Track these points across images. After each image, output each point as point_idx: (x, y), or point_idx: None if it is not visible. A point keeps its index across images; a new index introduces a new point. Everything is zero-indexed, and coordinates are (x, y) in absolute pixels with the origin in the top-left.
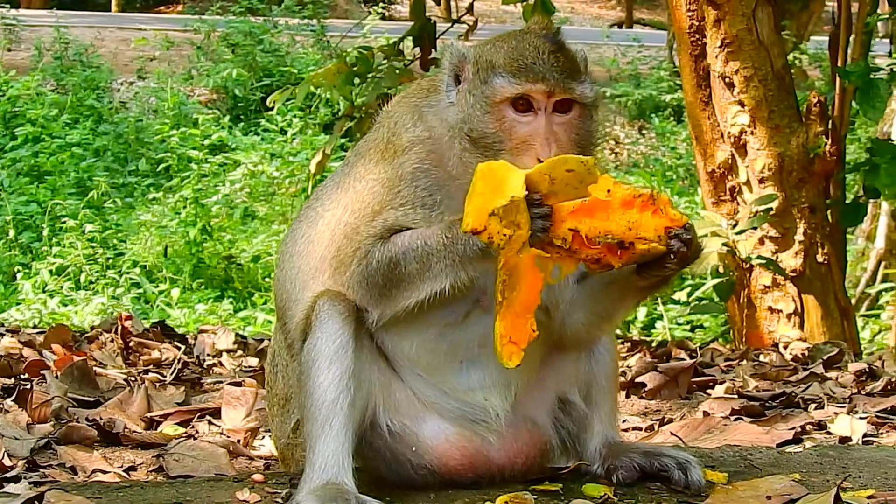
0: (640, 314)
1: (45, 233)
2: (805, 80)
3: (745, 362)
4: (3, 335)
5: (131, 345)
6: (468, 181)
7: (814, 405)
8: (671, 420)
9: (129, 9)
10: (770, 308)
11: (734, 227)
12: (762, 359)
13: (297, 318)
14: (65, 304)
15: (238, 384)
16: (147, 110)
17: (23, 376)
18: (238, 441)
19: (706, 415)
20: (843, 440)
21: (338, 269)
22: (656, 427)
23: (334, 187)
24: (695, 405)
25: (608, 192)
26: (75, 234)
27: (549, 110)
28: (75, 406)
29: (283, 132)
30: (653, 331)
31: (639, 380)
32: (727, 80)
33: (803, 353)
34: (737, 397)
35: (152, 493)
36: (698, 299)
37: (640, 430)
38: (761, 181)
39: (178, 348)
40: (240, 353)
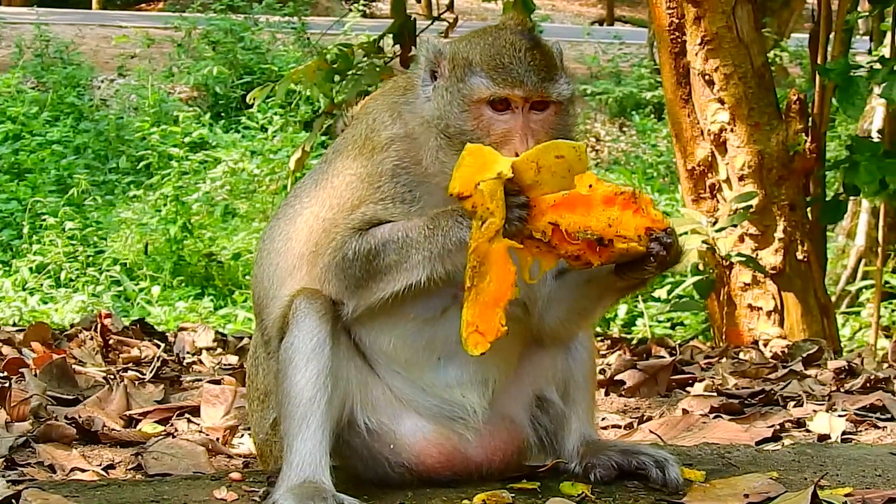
0: (621, 311)
1: (25, 230)
2: (786, 77)
3: (724, 360)
4: None
5: (111, 343)
6: (445, 178)
7: (793, 403)
8: (650, 418)
9: (110, 6)
10: (750, 305)
11: (714, 224)
12: (742, 356)
13: (274, 315)
14: (45, 302)
15: (217, 382)
16: (128, 108)
17: (2, 374)
18: (217, 439)
19: (685, 413)
20: (822, 438)
21: (314, 263)
22: (635, 425)
23: (312, 184)
24: (674, 403)
25: (590, 188)
26: (55, 232)
27: (526, 109)
28: (54, 404)
29: (263, 129)
30: (633, 328)
31: (618, 377)
32: (707, 77)
33: (783, 351)
34: (716, 395)
35: (130, 492)
36: (678, 297)
37: (619, 427)
38: (741, 178)
39: (158, 346)
40: (219, 350)
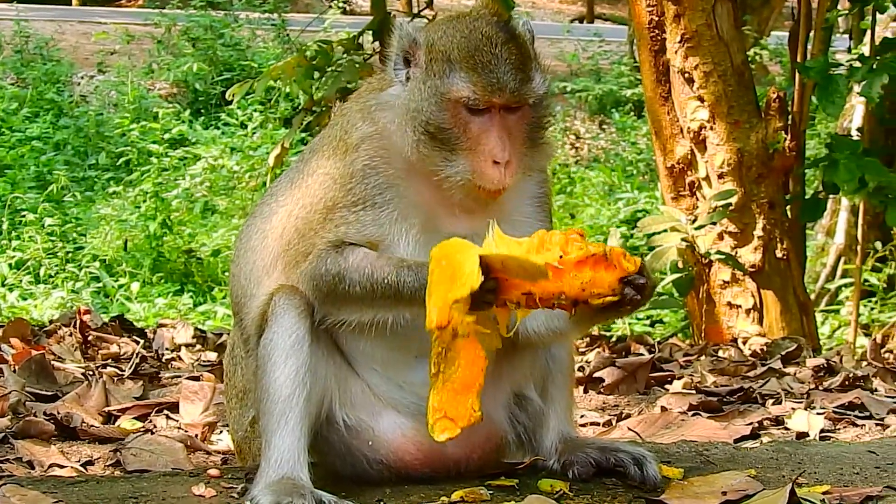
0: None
1: (5, 226)
2: (766, 75)
3: (703, 357)
4: None
5: (90, 339)
6: (422, 174)
7: (771, 401)
8: (629, 415)
9: (90, 2)
10: (729, 303)
11: (693, 222)
12: (721, 354)
13: (252, 313)
14: (24, 298)
15: (196, 378)
16: (107, 104)
17: None
18: (196, 436)
19: (664, 410)
20: (801, 436)
21: (289, 265)
22: (614, 422)
23: (288, 183)
24: (653, 400)
25: (560, 259)
26: (35, 228)
27: (502, 110)
28: (33, 400)
29: (243, 126)
30: (612, 325)
31: (597, 375)
32: (687, 75)
33: (762, 349)
34: (695, 392)
35: (108, 488)
36: (658, 294)
37: (597, 425)
38: (720, 176)
39: (137, 342)
40: (198, 347)
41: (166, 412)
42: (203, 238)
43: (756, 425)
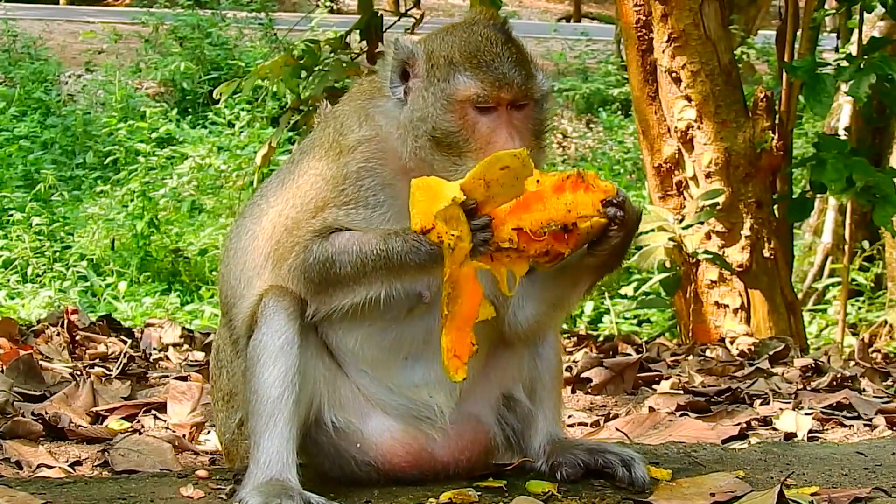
0: (588, 308)
1: None
2: (753, 74)
3: (691, 357)
4: None
5: (77, 338)
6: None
7: (759, 401)
8: (617, 415)
9: (78, 1)
10: (716, 303)
11: (681, 221)
12: (708, 354)
13: (242, 314)
14: (11, 298)
15: (184, 378)
16: (95, 103)
17: None
18: (184, 436)
19: (651, 410)
20: (789, 436)
21: (278, 262)
22: (602, 422)
23: (278, 184)
24: (640, 401)
25: (538, 183)
26: (22, 227)
27: (509, 108)
28: (21, 400)
29: (230, 125)
30: (600, 325)
31: (585, 375)
32: (674, 74)
33: (749, 349)
34: (682, 393)
35: (96, 489)
36: (645, 294)
37: (585, 425)
38: (708, 176)
39: (125, 342)
40: (186, 347)
41: (154, 412)
42: (190, 237)
43: (744, 426)
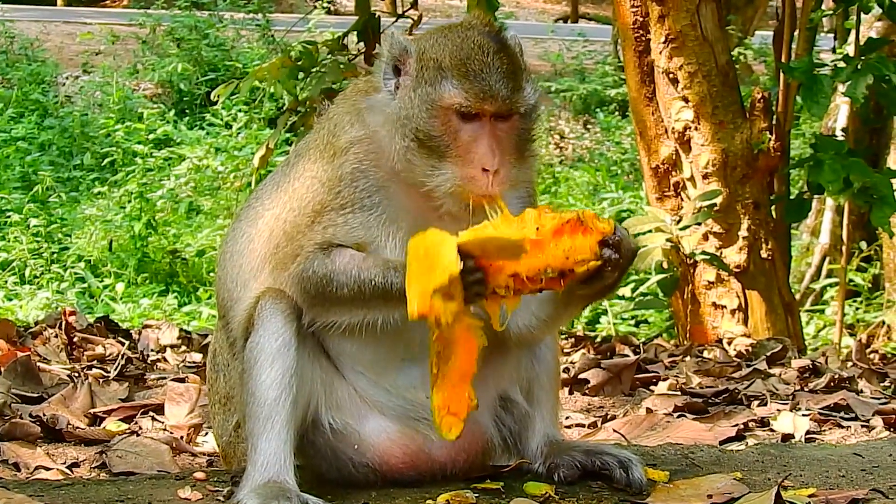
0: (586, 310)
1: None
2: (750, 75)
3: (688, 358)
4: None
5: (75, 340)
6: (410, 181)
7: (757, 402)
8: (614, 417)
9: (75, 3)
10: (714, 304)
11: (678, 222)
12: (706, 355)
13: (239, 317)
14: (9, 299)
15: (182, 380)
16: (92, 104)
17: None
18: (181, 437)
19: (649, 412)
20: (786, 437)
21: (277, 268)
22: (599, 424)
23: (274, 186)
24: (638, 402)
25: (538, 230)
26: (20, 229)
27: (493, 119)
28: (19, 402)
29: (228, 126)
30: (597, 326)
31: (582, 376)
32: (671, 75)
33: (747, 350)
34: (680, 394)
35: (94, 491)
36: (642, 294)
37: (582, 426)
38: (705, 177)
39: (122, 343)
40: (184, 348)
41: (152, 414)
42: (188, 238)
43: (741, 427)
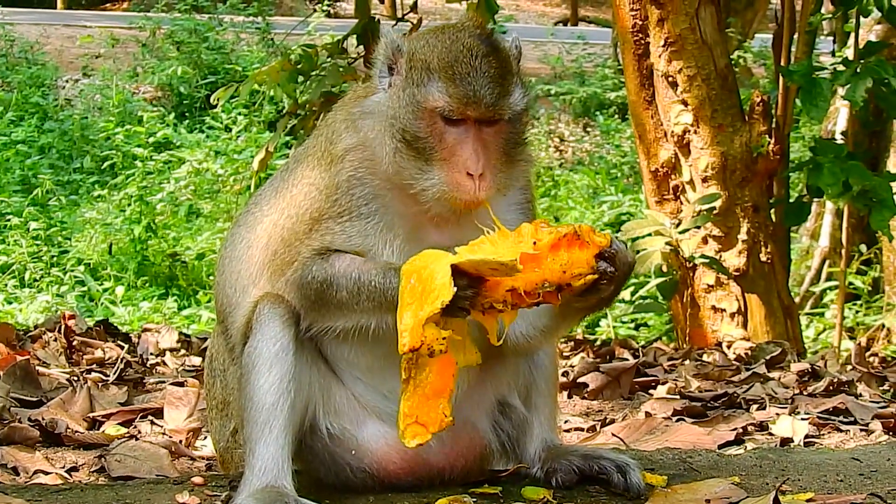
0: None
1: None
2: (749, 78)
3: (687, 362)
4: None
5: (75, 344)
6: (403, 187)
7: (756, 406)
8: (613, 421)
9: (75, 6)
10: (713, 307)
11: (677, 226)
12: (705, 358)
13: (237, 322)
14: (9, 302)
15: (181, 384)
16: (92, 108)
17: None
18: (180, 441)
19: (648, 415)
20: (785, 441)
21: (275, 273)
22: (598, 428)
23: (273, 192)
24: (637, 406)
25: (534, 245)
26: (20, 232)
27: (478, 123)
28: (18, 406)
29: (227, 130)
30: (597, 329)
31: (581, 380)
32: (670, 79)
33: (746, 353)
34: (679, 398)
35: (92, 496)
36: (642, 298)
37: (581, 430)
38: (704, 180)
39: (122, 347)
40: (183, 352)
41: (151, 418)
42: (187, 241)
43: (740, 431)
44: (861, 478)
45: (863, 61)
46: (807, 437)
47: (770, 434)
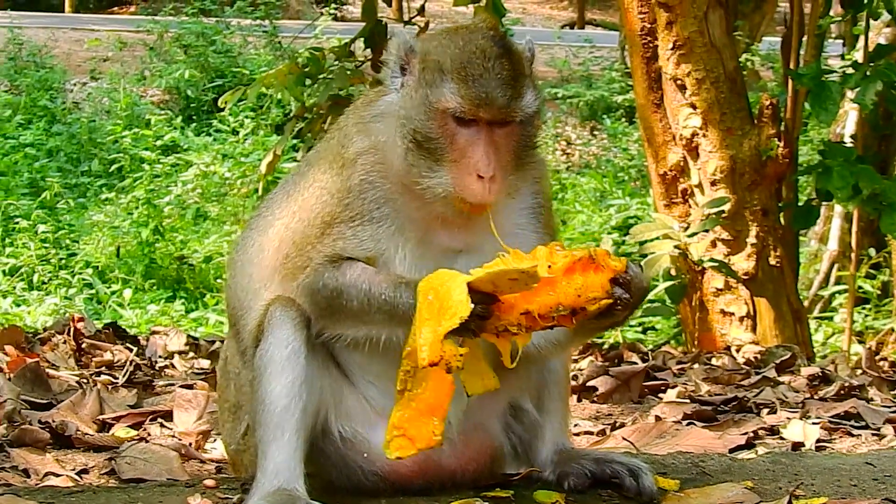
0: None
1: None
2: (758, 81)
3: (697, 366)
4: None
5: (83, 346)
6: (413, 189)
7: (766, 410)
8: (623, 424)
9: (83, 9)
10: (722, 311)
11: (686, 229)
12: (714, 362)
13: (249, 325)
14: (17, 305)
15: (190, 387)
16: (100, 111)
17: None
18: (190, 444)
19: (658, 419)
20: (796, 446)
21: (286, 277)
22: (608, 432)
23: (285, 196)
24: (647, 409)
25: (549, 268)
26: (28, 235)
27: (489, 124)
28: (28, 408)
29: (234, 133)
30: (605, 333)
31: (591, 384)
32: (679, 82)
33: (756, 357)
34: (689, 402)
35: (104, 498)
36: (650, 301)
37: (591, 434)
38: (713, 184)
39: (130, 350)
40: (191, 354)
41: (160, 420)
42: (195, 244)
43: (751, 435)
44: (875, 482)
45: (872, 64)
46: (818, 441)
47: (781, 438)
